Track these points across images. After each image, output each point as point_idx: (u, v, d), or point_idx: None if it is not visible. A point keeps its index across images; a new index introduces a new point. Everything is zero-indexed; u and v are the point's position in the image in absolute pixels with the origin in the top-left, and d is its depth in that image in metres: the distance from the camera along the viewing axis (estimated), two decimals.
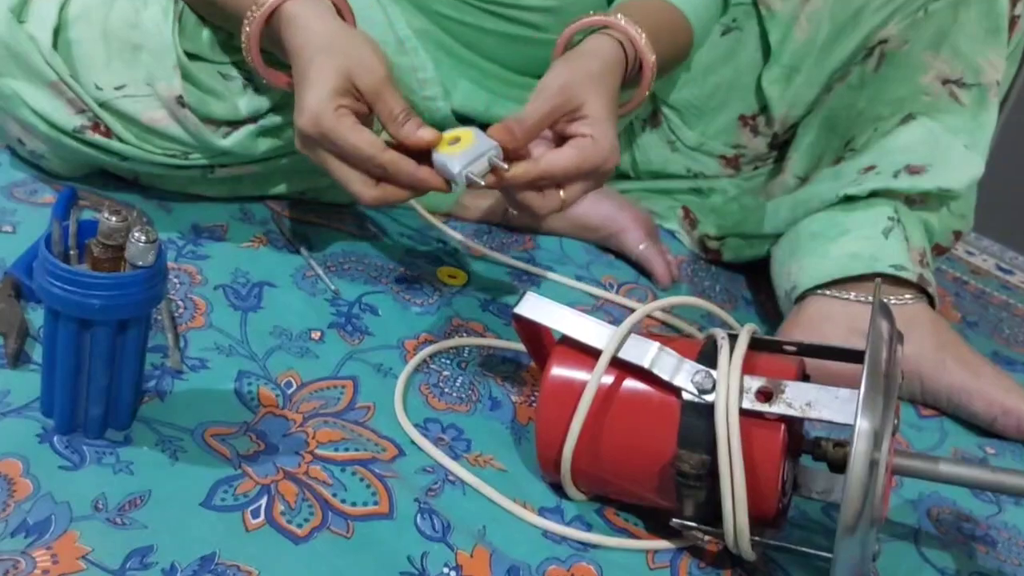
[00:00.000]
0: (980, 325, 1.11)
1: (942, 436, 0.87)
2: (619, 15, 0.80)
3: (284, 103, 0.87)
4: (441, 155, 0.72)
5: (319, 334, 0.79)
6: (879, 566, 0.68)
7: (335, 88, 0.72)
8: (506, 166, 0.71)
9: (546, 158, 0.74)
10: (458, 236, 0.96)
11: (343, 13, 0.79)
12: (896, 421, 0.59)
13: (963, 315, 1.12)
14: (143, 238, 0.59)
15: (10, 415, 0.63)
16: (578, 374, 0.66)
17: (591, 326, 0.66)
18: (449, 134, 0.73)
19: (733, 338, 0.65)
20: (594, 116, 0.74)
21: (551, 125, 0.75)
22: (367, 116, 0.75)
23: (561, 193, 0.75)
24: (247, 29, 0.77)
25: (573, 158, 0.74)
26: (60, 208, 0.85)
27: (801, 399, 0.60)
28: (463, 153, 0.71)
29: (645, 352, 0.63)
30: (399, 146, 0.73)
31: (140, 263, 0.59)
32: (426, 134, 0.73)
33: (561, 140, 0.76)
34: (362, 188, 0.74)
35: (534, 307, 0.68)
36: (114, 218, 0.59)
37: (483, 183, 0.71)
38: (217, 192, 0.92)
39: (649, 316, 0.91)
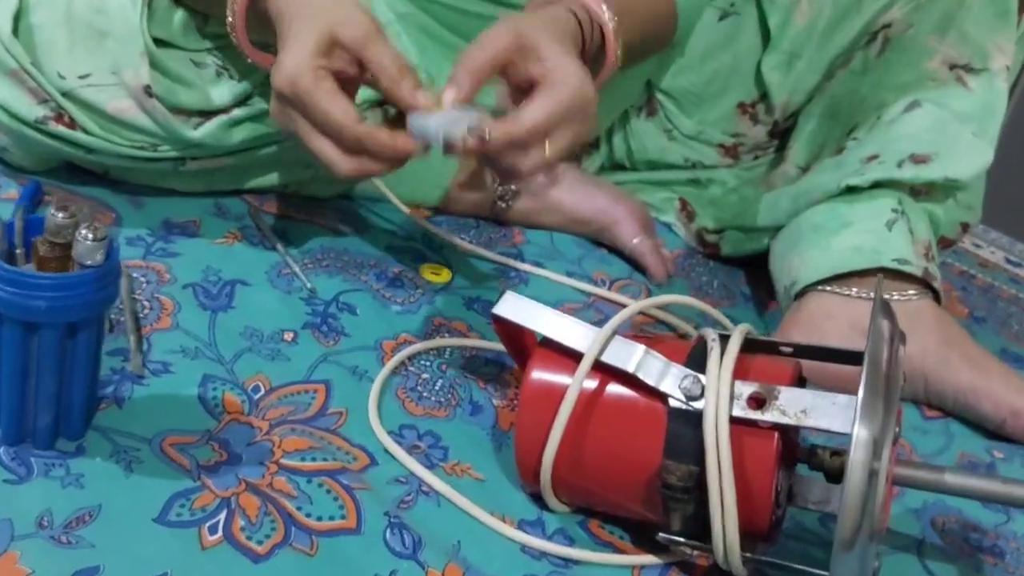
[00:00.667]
0: (988, 321, 1.06)
1: (948, 439, 0.83)
2: None
3: (260, 92, 0.83)
4: (418, 116, 0.68)
5: (292, 335, 0.75)
6: None
7: (315, 47, 0.67)
8: (487, 129, 0.66)
9: (521, 113, 0.68)
10: (443, 233, 0.92)
11: None
12: (897, 429, 0.55)
13: (970, 310, 1.08)
14: (91, 235, 0.55)
15: None
16: (559, 378, 0.62)
17: (573, 327, 0.62)
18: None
19: (725, 339, 0.61)
20: (550, 54, 0.68)
21: (502, 72, 0.70)
22: (352, 82, 0.71)
23: (546, 147, 0.69)
24: (233, 6, 0.73)
25: (545, 103, 0.67)
26: (23, 204, 0.81)
27: (796, 406, 0.56)
28: (442, 114, 0.67)
29: (630, 355, 0.60)
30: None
31: (88, 262, 0.56)
32: (423, 99, 0.68)
33: (519, 93, 0.71)
34: (336, 158, 0.69)
35: (513, 307, 0.64)
36: (61, 214, 0.56)
37: (461, 142, 0.67)
38: (191, 186, 0.88)
39: (642, 314, 0.87)
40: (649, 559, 0.63)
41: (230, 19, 0.73)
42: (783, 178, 0.99)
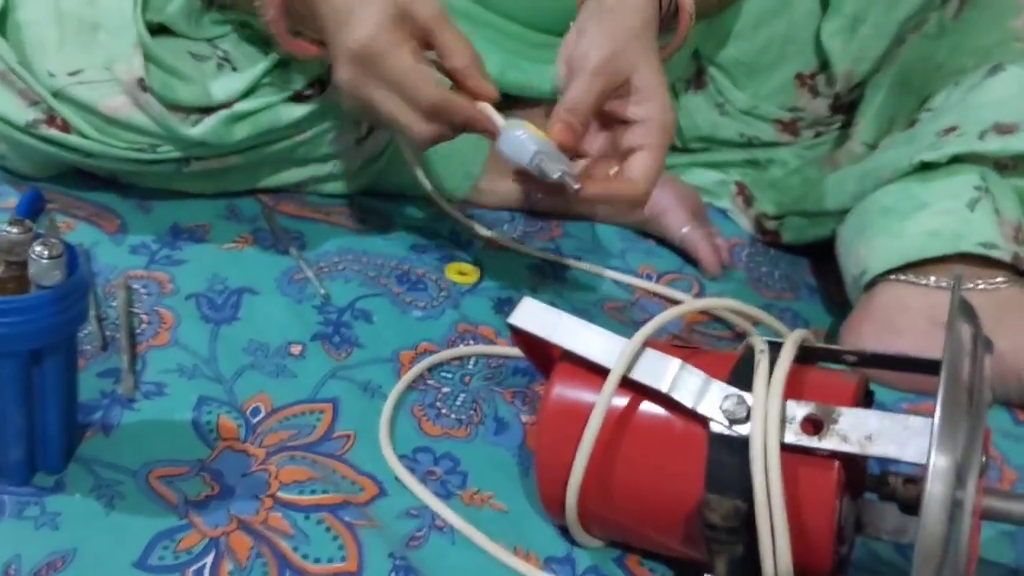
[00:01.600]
0: None
1: None
2: None
3: (265, 83, 0.77)
4: (515, 130, 0.63)
5: (300, 348, 0.69)
6: None
7: (389, 15, 0.64)
8: (577, 186, 0.62)
9: (626, 174, 0.65)
10: (480, 228, 0.84)
11: None
12: (984, 458, 0.46)
13: None
14: (46, 253, 0.49)
15: None
16: (585, 396, 0.54)
17: (597, 339, 0.54)
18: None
19: (776, 348, 0.52)
20: (647, 88, 0.65)
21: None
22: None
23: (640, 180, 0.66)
24: None
25: (651, 170, 0.65)
26: (22, 213, 0.76)
27: (859, 430, 0.48)
28: (540, 141, 0.63)
29: (663, 371, 0.52)
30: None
31: (45, 283, 0.50)
32: (490, 91, 0.67)
33: (606, 118, 0.67)
34: (413, 122, 0.66)
35: (531, 316, 0.57)
36: (14, 229, 0.50)
37: (554, 177, 0.62)
38: (201, 188, 0.83)
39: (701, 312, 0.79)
40: None
41: (271, 12, 0.69)
42: (849, 156, 0.91)
